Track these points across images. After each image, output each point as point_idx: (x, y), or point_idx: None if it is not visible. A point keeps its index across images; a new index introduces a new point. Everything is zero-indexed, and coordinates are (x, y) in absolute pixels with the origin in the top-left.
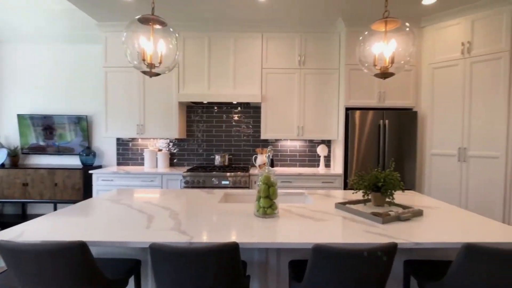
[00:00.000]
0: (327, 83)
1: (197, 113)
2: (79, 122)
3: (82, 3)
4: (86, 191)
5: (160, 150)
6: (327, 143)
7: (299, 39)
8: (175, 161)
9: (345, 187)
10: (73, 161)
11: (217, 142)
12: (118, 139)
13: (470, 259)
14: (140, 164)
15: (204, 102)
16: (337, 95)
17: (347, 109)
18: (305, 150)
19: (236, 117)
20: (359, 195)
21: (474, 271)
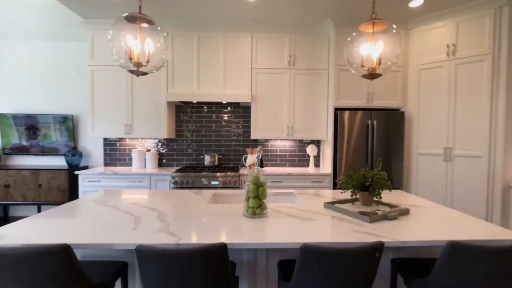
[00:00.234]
0: (316, 83)
1: (186, 113)
2: (64, 122)
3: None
4: (72, 193)
5: (148, 150)
6: (317, 143)
7: (288, 39)
8: (164, 161)
9: (334, 186)
10: (58, 161)
11: (206, 142)
12: (105, 139)
13: (454, 257)
14: (128, 164)
15: (194, 101)
16: (326, 95)
17: (336, 109)
18: (295, 150)
19: (226, 117)
20: (347, 194)
21: (458, 268)
